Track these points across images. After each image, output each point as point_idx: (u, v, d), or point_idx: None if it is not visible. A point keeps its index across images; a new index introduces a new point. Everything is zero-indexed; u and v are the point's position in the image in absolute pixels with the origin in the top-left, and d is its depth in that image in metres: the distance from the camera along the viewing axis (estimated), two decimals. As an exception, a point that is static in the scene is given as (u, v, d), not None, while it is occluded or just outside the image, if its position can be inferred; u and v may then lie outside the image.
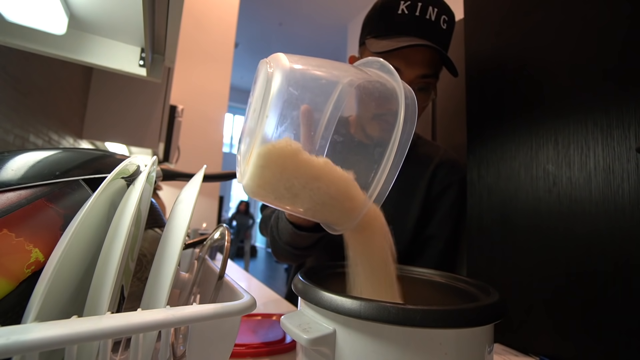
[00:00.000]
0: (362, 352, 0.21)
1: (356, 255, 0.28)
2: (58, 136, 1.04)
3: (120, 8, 0.60)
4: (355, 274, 0.28)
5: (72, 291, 0.21)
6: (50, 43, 0.65)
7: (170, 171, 0.39)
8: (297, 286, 0.26)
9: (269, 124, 0.22)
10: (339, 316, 0.22)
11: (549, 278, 0.40)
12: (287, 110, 0.22)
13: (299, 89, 0.23)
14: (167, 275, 0.22)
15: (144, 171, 0.27)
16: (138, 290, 0.32)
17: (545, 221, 0.41)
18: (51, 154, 0.26)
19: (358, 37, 0.62)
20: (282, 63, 0.23)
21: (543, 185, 0.42)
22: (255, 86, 0.27)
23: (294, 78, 0.23)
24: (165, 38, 0.69)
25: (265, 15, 4.55)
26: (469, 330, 0.21)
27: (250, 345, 0.41)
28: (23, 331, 0.15)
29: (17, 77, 0.74)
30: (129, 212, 0.23)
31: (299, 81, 0.23)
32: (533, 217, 0.42)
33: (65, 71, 1.03)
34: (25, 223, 0.21)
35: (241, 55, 5.63)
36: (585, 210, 0.37)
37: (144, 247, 0.34)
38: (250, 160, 0.23)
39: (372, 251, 0.28)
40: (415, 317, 0.19)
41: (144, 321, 0.18)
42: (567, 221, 0.39)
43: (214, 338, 0.22)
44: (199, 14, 2.81)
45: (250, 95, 0.28)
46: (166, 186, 2.26)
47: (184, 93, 2.67)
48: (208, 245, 0.37)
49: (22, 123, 0.78)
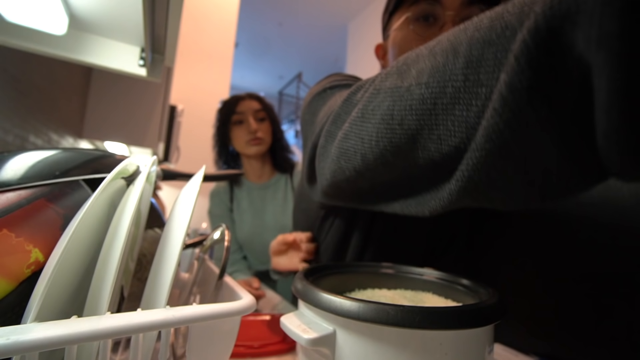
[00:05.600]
0: (362, 353, 0.21)
1: None
2: (58, 136, 1.04)
3: (120, 8, 0.60)
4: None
5: (72, 291, 0.21)
6: (50, 43, 0.65)
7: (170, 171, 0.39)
8: (297, 287, 0.26)
9: None
10: (338, 317, 0.22)
11: (549, 278, 0.40)
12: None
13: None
14: (167, 275, 0.22)
15: (144, 171, 0.27)
16: (138, 290, 0.32)
17: (545, 221, 0.41)
18: (51, 154, 0.26)
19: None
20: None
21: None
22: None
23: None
24: (165, 38, 0.69)
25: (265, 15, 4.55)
26: (468, 331, 0.21)
27: (250, 345, 0.41)
28: (23, 331, 0.15)
29: (17, 77, 0.74)
30: (128, 212, 0.23)
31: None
32: (533, 217, 0.42)
33: (65, 71, 1.03)
34: (25, 223, 0.21)
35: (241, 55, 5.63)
36: (586, 210, 0.37)
37: (144, 247, 0.34)
38: None
39: None
40: (414, 319, 0.19)
41: (144, 321, 0.18)
42: (567, 221, 0.39)
43: (214, 338, 0.22)
44: (198, 13, 2.81)
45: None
46: (166, 186, 2.26)
47: (184, 93, 2.67)
48: (208, 245, 0.37)
49: (22, 123, 0.78)
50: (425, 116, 0.22)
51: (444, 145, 0.21)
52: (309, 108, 0.46)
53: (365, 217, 0.47)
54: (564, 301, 0.38)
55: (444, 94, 0.20)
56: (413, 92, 0.22)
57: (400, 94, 0.24)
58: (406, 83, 0.24)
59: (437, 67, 0.21)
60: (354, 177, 0.31)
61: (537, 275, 0.41)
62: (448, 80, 0.20)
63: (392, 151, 0.25)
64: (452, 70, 0.20)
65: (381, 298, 0.31)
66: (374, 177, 0.29)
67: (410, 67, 0.24)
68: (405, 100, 0.23)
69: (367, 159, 0.27)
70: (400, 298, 0.31)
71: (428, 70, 0.22)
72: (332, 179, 0.34)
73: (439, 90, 0.20)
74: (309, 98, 0.48)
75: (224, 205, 1.06)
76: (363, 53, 3.60)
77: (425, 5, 0.47)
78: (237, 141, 1.02)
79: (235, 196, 1.07)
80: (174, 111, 1.62)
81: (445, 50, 0.21)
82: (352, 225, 0.48)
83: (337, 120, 0.33)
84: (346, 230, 0.48)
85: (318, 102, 0.44)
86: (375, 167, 0.27)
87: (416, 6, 0.49)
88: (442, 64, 0.21)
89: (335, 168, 0.32)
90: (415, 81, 0.23)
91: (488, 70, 0.18)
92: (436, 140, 0.21)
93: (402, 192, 0.29)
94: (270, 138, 1.04)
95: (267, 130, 1.02)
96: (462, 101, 0.19)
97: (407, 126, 0.23)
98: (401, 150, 0.24)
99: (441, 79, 0.20)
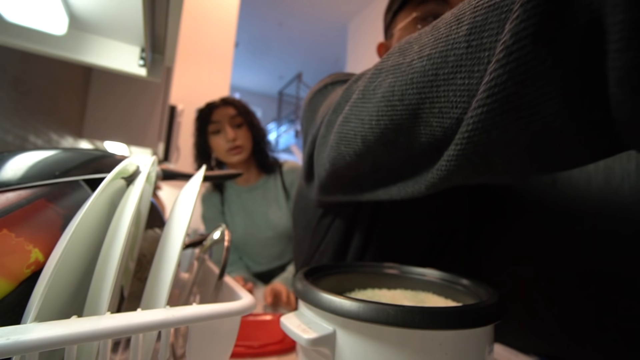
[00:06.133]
0: (363, 353, 0.21)
1: None
2: (58, 136, 1.04)
3: (120, 8, 0.60)
4: None
5: (72, 291, 0.21)
6: (50, 43, 0.65)
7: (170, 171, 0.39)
8: (297, 287, 0.26)
9: None
10: (338, 317, 0.22)
11: (549, 278, 0.40)
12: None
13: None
14: (167, 275, 0.22)
15: (144, 171, 0.27)
16: (138, 290, 0.32)
17: (546, 221, 0.41)
18: (51, 154, 0.26)
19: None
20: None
21: (543, 184, 0.42)
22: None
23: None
24: (165, 38, 0.69)
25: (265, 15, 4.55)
26: (469, 331, 0.21)
27: (250, 346, 0.41)
28: (23, 331, 0.15)
29: (17, 77, 0.74)
30: (128, 212, 0.23)
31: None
32: (533, 217, 0.42)
33: (65, 71, 1.03)
34: (25, 223, 0.21)
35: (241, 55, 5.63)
36: (586, 210, 0.37)
37: (144, 247, 0.34)
38: None
39: None
40: (414, 319, 0.19)
41: (143, 321, 0.18)
42: (568, 221, 0.39)
43: (214, 338, 0.22)
44: (198, 13, 2.81)
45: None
46: (166, 186, 2.26)
47: (184, 93, 2.67)
48: (208, 245, 0.37)
49: (22, 123, 0.78)
50: (427, 89, 0.21)
51: (445, 118, 0.21)
52: (309, 105, 0.46)
53: (366, 217, 0.47)
54: (564, 301, 0.38)
55: (445, 64, 0.20)
56: (414, 66, 0.22)
57: (402, 70, 0.23)
58: (408, 59, 0.23)
59: (439, 38, 0.21)
60: (354, 162, 0.30)
61: (537, 275, 0.41)
62: (450, 50, 0.19)
63: (393, 129, 0.24)
64: (455, 38, 0.19)
65: (381, 298, 0.31)
66: (375, 160, 0.29)
67: (413, 44, 0.24)
68: (406, 75, 0.22)
69: (368, 141, 0.27)
70: (400, 298, 0.31)
71: (430, 44, 0.21)
72: (331, 167, 0.33)
73: (440, 61, 0.20)
74: (310, 96, 0.47)
75: (215, 208, 1.06)
76: (363, 53, 3.60)
77: (433, 5, 0.47)
78: (218, 150, 1.00)
79: (225, 199, 1.06)
80: (174, 111, 1.62)
81: (449, 22, 0.20)
82: (353, 225, 0.48)
83: (337, 109, 0.32)
84: (347, 230, 0.48)
85: (319, 98, 0.44)
86: (377, 149, 0.27)
87: (424, 6, 0.48)
88: (444, 35, 0.20)
89: (334, 155, 0.32)
90: (417, 55, 0.22)
91: (492, 33, 0.17)
92: (437, 113, 0.21)
93: (403, 174, 0.28)
94: (251, 143, 1.02)
95: (245, 136, 1.00)
96: (464, 69, 0.19)
97: (407, 101, 0.22)
98: (402, 127, 0.24)
99: (443, 49, 0.20)
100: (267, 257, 1.04)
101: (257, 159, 1.05)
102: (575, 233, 0.38)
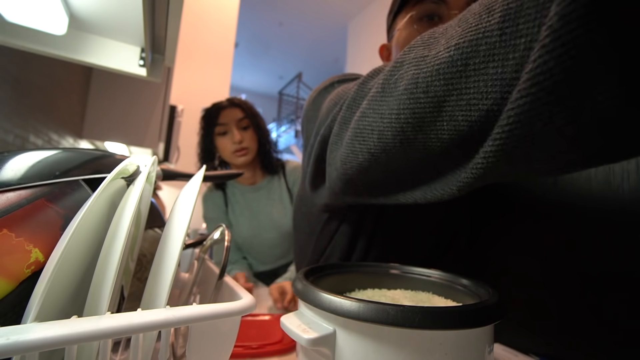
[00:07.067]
0: (363, 353, 0.21)
1: None
2: (58, 136, 1.04)
3: (120, 8, 0.60)
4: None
5: (72, 291, 0.21)
6: (50, 43, 0.65)
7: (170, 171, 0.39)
8: (297, 287, 0.26)
9: None
10: (338, 317, 0.22)
11: (549, 278, 0.40)
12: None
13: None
14: (167, 275, 0.22)
15: (144, 171, 0.27)
16: (138, 290, 0.32)
17: (546, 221, 0.41)
18: (51, 154, 0.26)
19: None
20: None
21: (543, 184, 0.42)
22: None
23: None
24: (165, 38, 0.69)
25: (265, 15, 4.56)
26: (469, 331, 0.21)
27: (250, 346, 0.41)
28: (23, 331, 0.15)
29: (17, 77, 0.75)
30: (128, 212, 0.23)
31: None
32: (533, 217, 0.42)
33: (65, 71, 1.03)
34: (25, 223, 0.21)
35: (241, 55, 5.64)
36: (586, 210, 0.37)
37: (144, 247, 0.34)
38: None
39: None
40: (414, 319, 0.19)
41: (144, 321, 0.18)
42: (568, 221, 0.39)
43: (214, 338, 0.22)
44: (198, 14, 2.81)
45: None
46: (166, 186, 2.26)
47: (184, 93, 2.67)
48: (208, 245, 0.37)
49: (22, 123, 0.78)
50: (455, 79, 0.20)
51: (473, 110, 0.19)
52: (313, 104, 0.45)
53: (370, 221, 0.47)
54: (564, 301, 0.38)
55: (476, 53, 0.19)
56: (440, 57, 0.21)
57: (426, 62, 0.22)
58: (434, 51, 0.22)
59: (468, 28, 0.19)
60: (367, 163, 0.29)
61: (537, 275, 0.41)
62: (482, 38, 0.18)
63: (413, 124, 0.23)
64: (487, 27, 0.18)
65: (381, 298, 0.31)
66: (389, 163, 0.28)
67: (439, 38, 0.22)
68: (432, 66, 0.21)
69: (385, 137, 0.26)
70: (400, 298, 0.31)
71: (458, 34, 0.20)
72: (342, 168, 0.32)
73: (470, 50, 0.19)
74: (314, 94, 0.46)
75: (218, 208, 1.05)
76: (363, 53, 3.60)
77: (430, 4, 0.47)
78: (223, 152, 1.01)
79: (229, 199, 1.06)
80: (174, 111, 1.62)
81: (478, 13, 0.19)
82: (359, 230, 0.47)
83: (352, 105, 0.31)
84: (353, 234, 0.48)
85: (325, 96, 0.43)
86: (393, 147, 0.26)
87: (421, 5, 0.48)
88: (474, 24, 0.19)
89: (347, 153, 0.30)
90: (444, 47, 0.21)
91: (529, 18, 0.16)
92: (465, 106, 0.20)
93: (423, 177, 0.27)
94: (256, 144, 1.02)
95: (252, 138, 1.01)
96: (497, 57, 0.18)
97: (432, 93, 0.21)
98: (424, 122, 0.22)
99: (473, 38, 0.19)
100: (272, 256, 1.04)
101: (262, 160, 1.06)
102: (575, 233, 0.38)
